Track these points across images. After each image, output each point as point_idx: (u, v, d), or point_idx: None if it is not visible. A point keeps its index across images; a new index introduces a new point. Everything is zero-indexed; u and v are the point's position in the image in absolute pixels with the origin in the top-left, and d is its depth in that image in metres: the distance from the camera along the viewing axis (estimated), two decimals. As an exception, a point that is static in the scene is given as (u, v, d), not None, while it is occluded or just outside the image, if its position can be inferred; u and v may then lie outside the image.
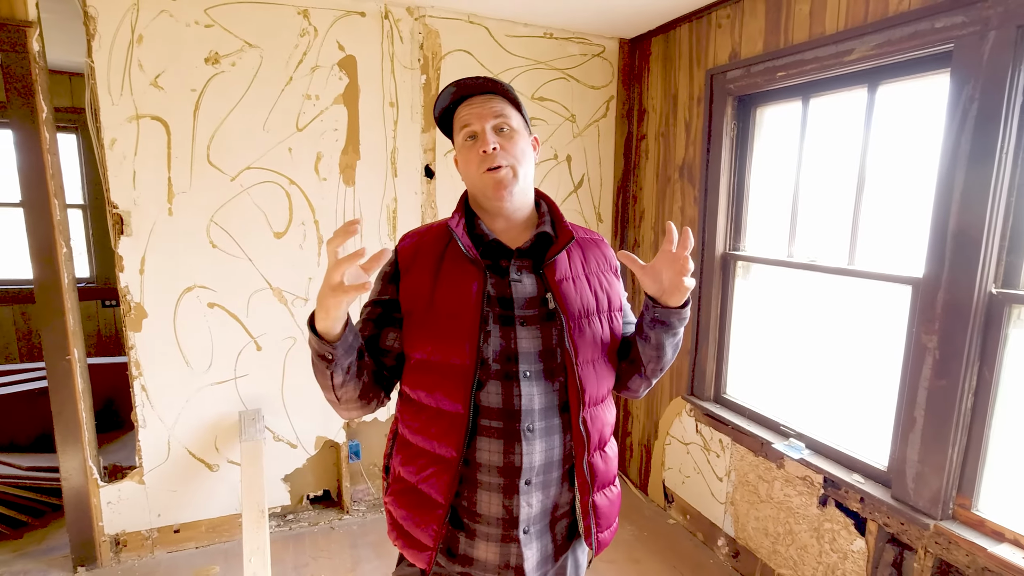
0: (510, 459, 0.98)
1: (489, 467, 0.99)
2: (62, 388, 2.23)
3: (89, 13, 2.09)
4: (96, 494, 2.33)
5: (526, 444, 0.98)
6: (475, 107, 1.01)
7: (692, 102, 2.56)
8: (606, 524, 1.08)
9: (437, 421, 1.00)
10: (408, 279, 1.04)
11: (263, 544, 2.07)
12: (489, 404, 0.98)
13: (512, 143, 1.00)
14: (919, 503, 1.70)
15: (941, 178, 1.60)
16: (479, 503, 1.00)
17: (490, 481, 0.99)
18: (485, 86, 1.01)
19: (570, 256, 1.08)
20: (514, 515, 0.99)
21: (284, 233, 2.48)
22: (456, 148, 1.06)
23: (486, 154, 0.98)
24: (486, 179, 0.99)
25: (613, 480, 1.11)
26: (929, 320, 1.65)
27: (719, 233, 2.46)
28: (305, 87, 2.41)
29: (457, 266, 1.01)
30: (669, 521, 2.80)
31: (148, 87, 2.19)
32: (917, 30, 1.62)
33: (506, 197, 1.00)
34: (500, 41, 2.69)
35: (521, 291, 1.01)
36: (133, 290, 2.28)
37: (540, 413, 0.99)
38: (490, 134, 0.99)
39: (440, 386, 0.99)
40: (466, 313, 0.97)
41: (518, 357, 0.99)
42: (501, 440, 0.98)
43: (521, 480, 0.99)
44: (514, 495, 0.99)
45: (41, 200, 2.11)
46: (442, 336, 0.99)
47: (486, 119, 1.00)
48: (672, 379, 2.81)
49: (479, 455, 0.99)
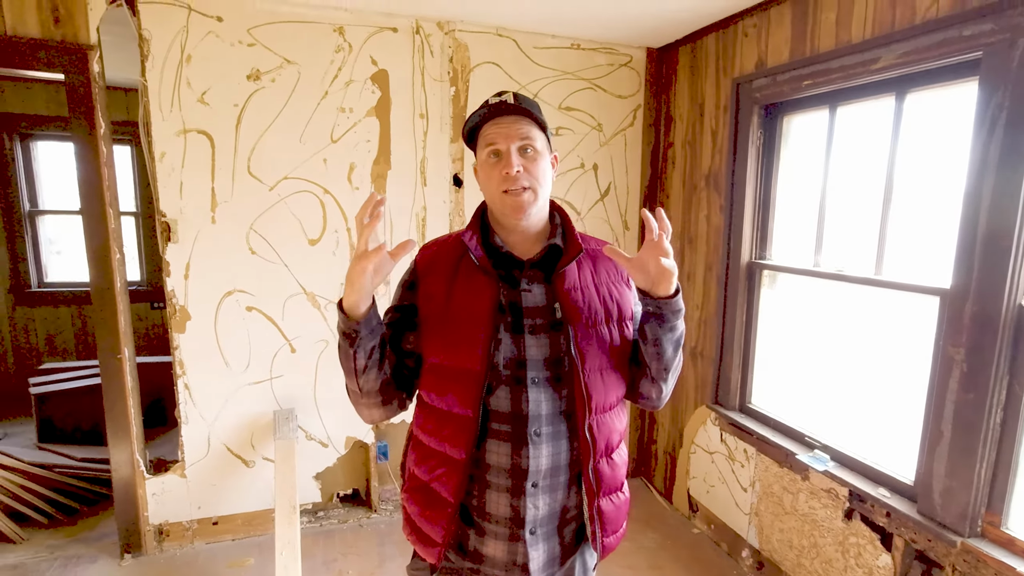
0: (517, 462, 1.02)
1: (498, 469, 1.03)
2: (113, 385, 2.38)
3: (143, 36, 2.24)
4: (142, 485, 2.48)
5: (533, 448, 1.02)
6: (503, 127, 1.03)
7: (718, 111, 2.56)
8: (612, 529, 1.11)
9: (448, 423, 1.05)
10: (425, 286, 1.09)
11: (294, 539, 2.17)
12: (499, 408, 1.03)
13: (535, 165, 1.03)
14: (946, 519, 1.66)
15: (969, 187, 1.57)
16: (488, 503, 1.05)
17: (498, 482, 1.04)
18: (515, 110, 1.03)
19: (580, 267, 1.10)
20: (521, 516, 1.04)
21: (318, 240, 2.59)
22: (479, 162, 1.09)
23: (509, 175, 1.01)
24: (506, 200, 1.03)
25: (620, 486, 1.13)
26: (957, 332, 1.62)
27: (745, 242, 2.45)
28: (340, 100, 2.52)
29: (471, 276, 1.06)
30: (693, 530, 2.79)
31: (195, 103, 2.33)
32: (945, 38, 1.60)
33: (524, 219, 1.04)
34: (528, 53, 2.75)
35: (531, 301, 1.05)
36: (178, 294, 2.42)
37: (547, 418, 1.03)
38: (515, 156, 1.02)
39: (452, 390, 1.04)
40: (479, 321, 1.02)
41: (527, 364, 1.03)
42: (509, 443, 1.02)
43: (528, 482, 1.03)
44: (521, 496, 1.03)
45: (98, 209, 2.27)
46: (455, 342, 1.03)
47: (512, 140, 1.02)
48: (697, 387, 2.80)
49: (488, 457, 1.04)
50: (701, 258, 2.74)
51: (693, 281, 2.80)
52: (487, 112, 1.04)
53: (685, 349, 2.88)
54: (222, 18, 2.31)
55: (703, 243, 2.72)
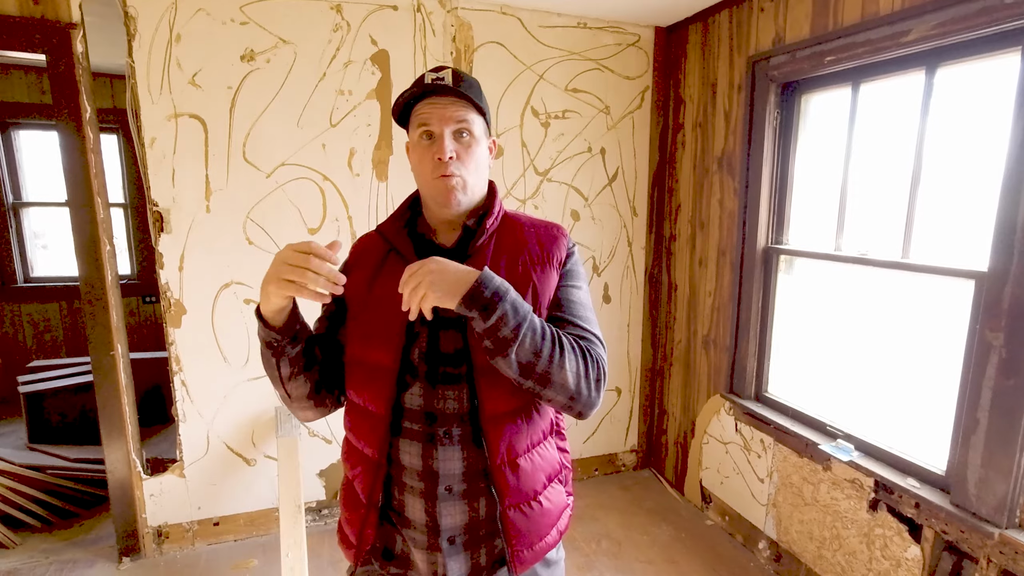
0: (429, 463, 0.95)
1: (411, 470, 0.97)
2: (106, 383, 2.28)
3: (129, 13, 2.11)
4: (139, 487, 2.38)
5: (443, 450, 0.95)
6: (438, 107, 0.95)
7: (732, 90, 2.47)
8: (523, 542, 0.99)
9: (365, 420, 1.00)
10: (352, 278, 1.04)
11: (300, 538, 2.09)
12: (411, 406, 0.96)
13: (469, 152, 0.97)
14: (982, 510, 1.61)
15: (1010, 166, 1.49)
16: (407, 506, 0.99)
17: (413, 485, 0.97)
18: (453, 91, 0.95)
19: (498, 249, 1.01)
20: (437, 523, 0.97)
21: (318, 229, 2.48)
22: (411, 142, 1.01)
23: (440, 161, 0.95)
24: (437, 184, 0.96)
25: (534, 495, 1.01)
26: (995, 316, 1.55)
27: (761, 226, 2.38)
28: (338, 83, 2.40)
29: (395, 267, 1.00)
30: (707, 522, 2.74)
31: (186, 85, 2.21)
32: (986, 6, 1.51)
33: (453, 205, 0.98)
34: (533, 32, 2.64)
35: None
36: (173, 287, 2.31)
37: (459, 419, 0.96)
38: (448, 141, 0.95)
39: (367, 387, 0.99)
40: (394, 315, 0.95)
41: (441, 358, 0.96)
42: (420, 443, 0.96)
43: (440, 487, 0.96)
44: (435, 501, 0.96)
45: (85, 198, 2.16)
46: (371, 336, 0.98)
47: (447, 123, 0.95)
48: (709, 376, 2.74)
49: (402, 457, 0.97)
50: (714, 243, 2.66)
51: (705, 266, 2.73)
52: (420, 90, 0.95)
53: (696, 337, 2.81)
54: (213, -5, 2.19)
55: (716, 228, 2.64)
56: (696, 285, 2.80)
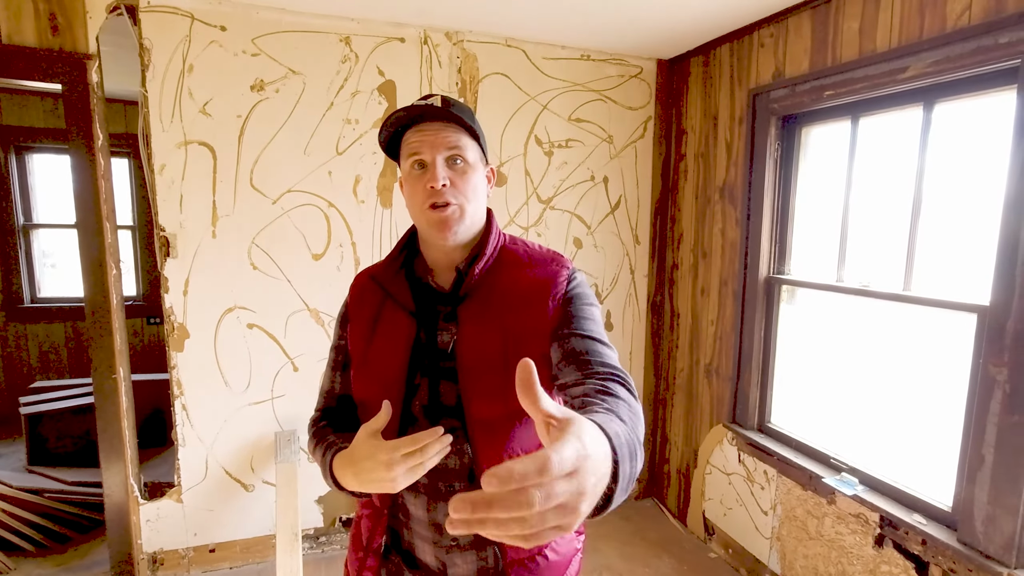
0: (435, 517, 0.94)
1: (418, 520, 0.96)
2: (107, 405, 2.28)
3: (144, 45, 2.17)
4: (136, 511, 2.36)
5: (444, 505, 0.93)
6: (428, 134, 0.89)
7: (733, 122, 2.51)
8: None
9: None
10: (352, 325, 1.01)
11: (296, 567, 2.06)
12: None
13: (464, 179, 0.91)
14: (989, 549, 1.58)
15: (1009, 200, 1.50)
16: (418, 550, 0.98)
17: (423, 533, 0.96)
18: (443, 115, 0.89)
19: (489, 290, 0.94)
20: (447, 571, 0.96)
21: (322, 255, 2.51)
22: (403, 174, 0.95)
23: (434, 189, 0.89)
24: (431, 216, 0.90)
25: (537, 550, 0.96)
26: (998, 351, 1.54)
27: (763, 256, 2.38)
28: (345, 112, 2.45)
29: (394, 313, 0.97)
30: (710, 554, 2.68)
31: (197, 114, 2.26)
32: (980, 46, 1.54)
33: (450, 237, 0.92)
34: (537, 64, 2.70)
35: (446, 340, 0.94)
36: (177, 310, 2.33)
37: (459, 473, 0.93)
38: (440, 168, 0.89)
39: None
40: (392, 369, 0.93)
41: (443, 411, 0.92)
42: (426, 496, 0.94)
43: (447, 538, 0.94)
44: (444, 551, 0.95)
45: (94, 223, 2.19)
46: (372, 387, 0.95)
47: (438, 149, 0.89)
48: (712, 406, 2.71)
49: (410, 508, 0.96)
50: (716, 273, 2.67)
51: (708, 296, 2.73)
52: (407, 116, 0.89)
53: (699, 366, 2.79)
54: (226, 27, 2.25)
55: (718, 257, 2.65)
56: (698, 314, 2.80)
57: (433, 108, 0.89)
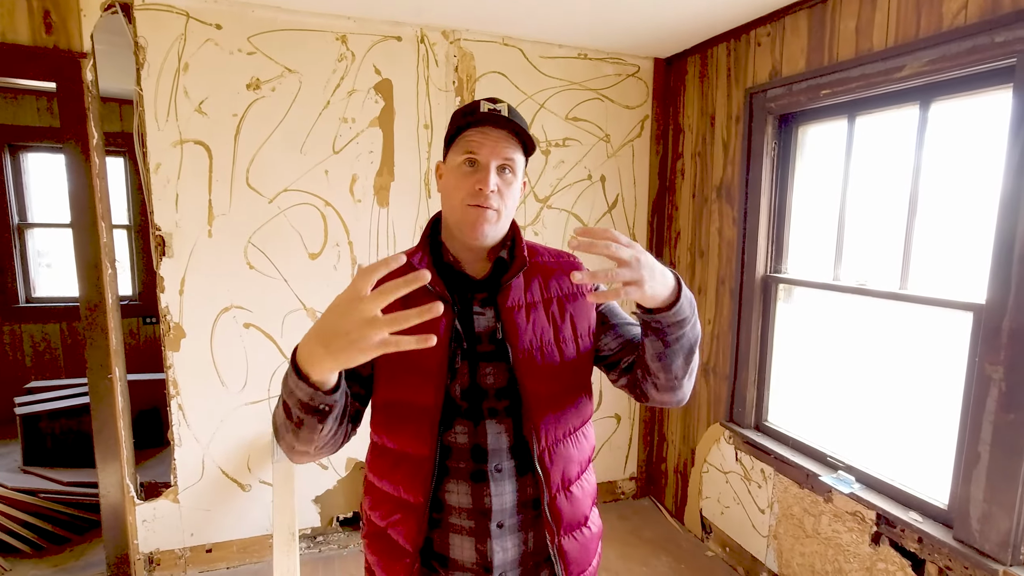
0: (480, 502, 0.94)
1: (459, 510, 0.95)
2: (103, 406, 2.27)
3: (140, 43, 2.16)
4: (132, 512, 2.36)
5: (495, 485, 0.94)
6: (490, 137, 0.94)
7: (730, 121, 2.51)
8: (576, 569, 1.01)
9: (402, 465, 0.96)
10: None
11: (293, 566, 2.05)
12: (457, 444, 0.95)
13: (509, 189, 0.97)
14: (985, 546, 1.58)
15: (1005, 198, 1.51)
16: (452, 547, 0.96)
17: (461, 524, 0.95)
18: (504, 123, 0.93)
19: (529, 282, 1.03)
20: (488, 559, 0.95)
21: (319, 254, 2.50)
22: (449, 166, 0.99)
23: (482, 192, 0.93)
24: (469, 212, 0.95)
25: (584, 521, 1.03)
26: (994, 349, 1.55)
27: (759, 255, 2.39)
28: (342, 111, 2.44)
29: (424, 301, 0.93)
30: (707, 553, 2.69)
31: (192, 113, 2.25)
32: (975, 45, 1.55)
33: (480, 236, 0.96)
34: (534, 63, 2.69)
35: (483, 324, 0.98)
36: (173, 310, 2.32)
37: (507, 452, 0.95)
38: (494, 175, 0.94)
39: (405, 429, 0.95)
40: (432, 352, 0.93)
41: (483, 394, 0.95)
42: (468, 482, 0.94)
43: (493, 523, 0.94)
44: (487, 539, 0.94)
45: (89, 222, 2.18)
46: (407, 376, 0.95)
47: (495, 156, 0.94)
48: (709, 404, 2.72)
49: (448, 498, 0.95)
50: (713, 271, 2.67)
51: (705, 294, 2.73)
52: (475, 119, 0.94)
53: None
54: (221, 26, 2.24)
55: (715, 256, 2.65)
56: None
57: (501, 117, 0.94)
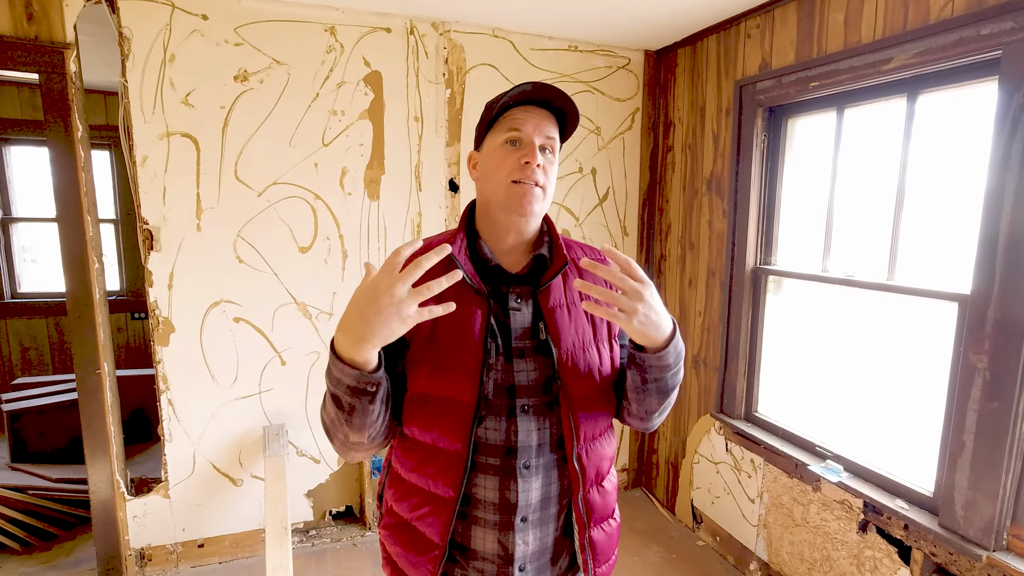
0: (506, 496, 0.94)
1: (485, 504, 0.95)
2: (91, 401, 2.25)
3: (124, 34, 2.13)
4: (123, 507, 2.34)
5: (522, 481, 0.94)
6: (534, 116, 0.94)
7: (720, 113, 2.52)
8: (604, 559, 1.03)
9: (435, 459, 0.95)
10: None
11: (286, 561, 2.05)
12: (487, 440, 0.94)
13: (551, 168, 0.96)
14: (969, 532, 1.61)
15: (990, 190, 1.53)
16: (475, 539, 0.97)
17: (486, 518, 0.95)
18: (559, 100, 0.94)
19: (566, 280, 1.01)
20: (509, 552, 0.95)
21: (309, 248, 2.48)
22: (485, 149, 0.98)
23: (529, 165, 0.92)
24: (515, 189, 0.92)
25: (611, 514, 1.06)
26: (978, 339, 1.57)
27: (749, 247, 2.40)
28: (331, 103, 2.42)
29: (460, 294, 0.93)
30: (698, 543, 2.72)
31: (179, 105, 2.23)
32: (962, 37, 1.56)
33: (528, 213, 0.94)
34: (525, 55, 2.68)
35: (520, 320, 0.97)
36: (162, 305, 2.30)
37: (537, 449, 0.95)
38: (538, 152, 0.94)
39: (438, 423, 0.94)
40: (469, 347, 0.92)
41: (517, 391, 0.94)
42: (497, 477, 0.94)
43: (517, 517, 0.95)
44: (510, 532, 0.95)
45: (75, 216, 2.15)
46: (443, 370, 0.93)
47: (540, 133, 0.94)
48: (700, 396, 2.74)
49: (475, 492, 0.95)
50: (703, 264, 2.68)
51: (695, 287, 2.75)
52: (532, 89, 0.92)
53: (687, 359, 2.82)
54: (207, 16, 2.21)
55: (705, 248, 2.66)
56: (686, 305, 2.82)
57: (554, 90, 0.92)
